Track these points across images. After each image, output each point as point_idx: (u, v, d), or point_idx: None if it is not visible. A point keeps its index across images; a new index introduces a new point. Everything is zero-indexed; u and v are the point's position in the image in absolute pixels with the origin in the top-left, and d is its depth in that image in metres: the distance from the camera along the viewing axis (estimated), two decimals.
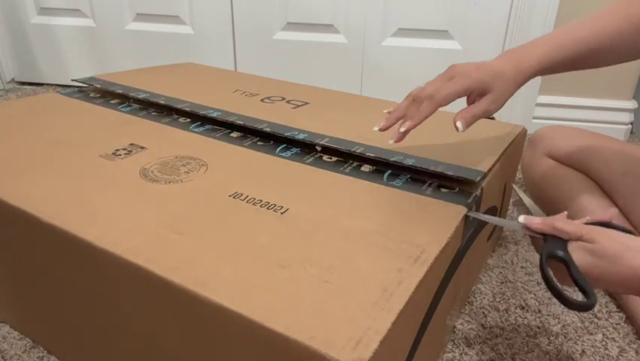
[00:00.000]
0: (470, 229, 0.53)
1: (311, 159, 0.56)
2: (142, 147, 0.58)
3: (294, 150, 0.59)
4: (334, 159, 0.57)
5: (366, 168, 0.54)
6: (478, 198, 0.52)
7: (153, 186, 0.49)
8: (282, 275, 0.36)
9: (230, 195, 0.48)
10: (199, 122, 0.67)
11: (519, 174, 1.08)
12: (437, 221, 0.45)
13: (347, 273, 0.37)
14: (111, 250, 0.40)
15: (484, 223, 0.62)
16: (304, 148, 0.60)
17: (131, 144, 0.59)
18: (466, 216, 0.49)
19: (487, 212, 0.62)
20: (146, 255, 0.39)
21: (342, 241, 0.41)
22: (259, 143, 0.60)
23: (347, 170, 0.54)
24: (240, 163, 0.55)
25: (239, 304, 0.34)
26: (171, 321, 0.39)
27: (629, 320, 0.65)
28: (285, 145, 0.60)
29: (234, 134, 0.63)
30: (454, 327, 0.63)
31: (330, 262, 0.38)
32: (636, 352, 0.60)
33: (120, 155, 0.56)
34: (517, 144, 0.71)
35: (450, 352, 0.59)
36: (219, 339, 0.36)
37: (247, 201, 0.47)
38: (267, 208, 0.46)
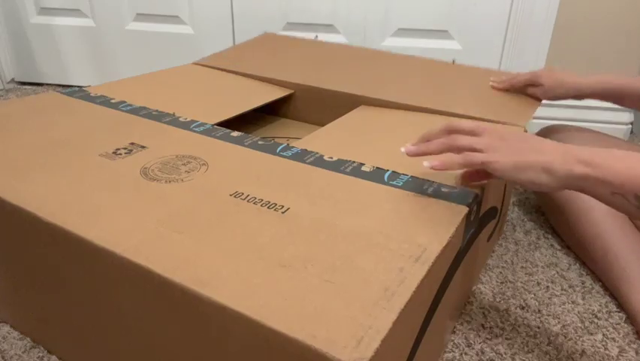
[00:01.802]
0: (471, 230, 0.53)
1: (312, 159, 0.56)
2: (143, 147, 0.58)
3: (295, 149, 0.59)
4: (335, 158, 0.57)
5: (367, 167, 0.55)
6: (479, 199, 0.52)
7: (154, 185, 0.49)
8: (283, 275, 0.36)
9: (231, 195, 0.48)
10: (200, 122, 0.67)
11: None
12: (438, 220, 0.45)
13: (348, 272, 0.37)
14: (111, 248, 0.40)
15: (484, 224, 0.62)
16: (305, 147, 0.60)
17: (132, 144, 0.59)
18: (467, 216, 0.49)
19: (487, 213, 0.62)
20: (146, 254, 0.39)
21: (342, 240, 0.41)
22: (260, 142, 0.60)
23: (348, 169, 0.54)
24: (240, 162, 0.55)
25: (239, 303, 0.34)
26: (172, 320, 0.39)
27: (629, 319, 0.65)
28: (286, 144, 0.60)
29: (235, 134, 0.63)
30: (454, 327, 0.63)
31: (331, 262, 0.38)
32: (636, 352, 0.60)
33: (121, 154, 0.56)
34: None
35: (450, 352, 0.59)
36: (220, 338, 0.36)
37: (248, 201, 0.47)
38: (268, 208, 0.46)
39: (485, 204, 0.58)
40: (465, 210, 0.47)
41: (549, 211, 0.86)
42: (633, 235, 0.70)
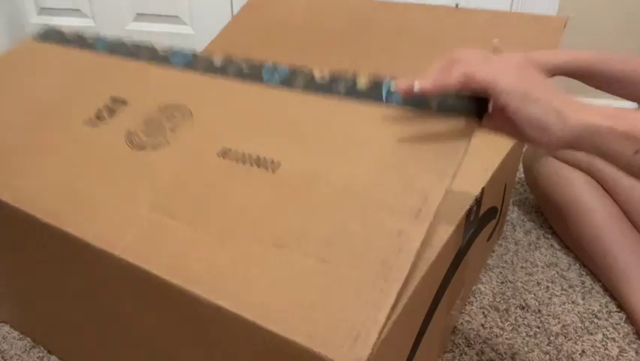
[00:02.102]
0: (471, 230, 0.53)
1: (301, 82, 0.50)
2: (123, 101, 0.54)
3: (283, 70, 0.52)
4: (327, 76, 0.49)
5: (362, 83, 0.47)
6: (479, 199, 0.52)
7: (141, 156, 0.47)
8: (278, 259, 0.35)
9: (218, 154, 0.44)
10: (179, 49, 0.60)
11: (519, 174, 1.08)
12: (443, 148, 0.39)
13: (344, 245, 0.35)
14: (109, 250, 0.39)
15: (484, 224, 0.62)
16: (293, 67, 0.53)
17: (112, 99, 0.55)
18: (467, 216, 0.48)
19: (487, 212, 0.62)
20: (141, 252, 0.38)
21: (338, 201, 0.38)
22: (245, 70, 0.54)
23: (341, 89, 0.47)
24: (226, 104, 0.50)
25: (236, 303, 0.33)
26: (169, 320, 0.39)
27: (629, 319, 0.65)
28: (272, 65, 0.53)
29: (218, 61, 0.56)
30: (454, 327, 0.63)
31: (326, 234, 0.36)
32: (636, 352, 0.60)
33: (103, 118, 0.52)
34: (518, 145, 0.71)
35: (450, 352, 0.59)
36: (217, 338, 0.36)
37: (236, 160, 0.43)
38: (258, 166, 0.42)
39: (485, 204, 0.58)
40: (476, 123, 0.41)
41: (548, 213, 0.86)
42: (632, 235, 0.70)
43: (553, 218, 0.84)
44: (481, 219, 0.58)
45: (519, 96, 0.36)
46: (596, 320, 0.65)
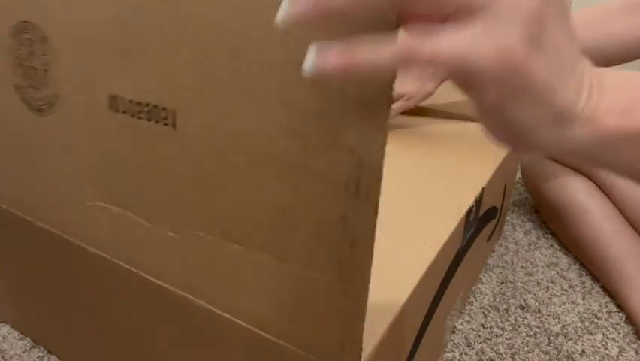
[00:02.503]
0: (471, 230, 0.53)
1: None
2: None
3: None
4: None
5: None
6: (479, 199, 0.52)
7: (48, 123, 0.40)
8: (239, 257, 0.32)
9: (110, 107, 0.36)
10: None
11: (519, 174, 1.08)
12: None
13: (290, 239, 0.30)
14: (101, 252, 0.39)
15: (484, 224, 0.62)
16: None
17: None
18: (467, 216, 0.48)
19: (487, 212, 0.62)
20: (126, 253, 0.38)
21: (260, 177, 0.30)
22: None
23: None
24: (76, 15, 0.36)
25: (226, 305, 0.33)
26: (163, 321, 0.39)
27: (629, 320, 0.65)
28: None
29: None
30: (454, 327, 0.63)
31: (268, 221, 0.30)
32: (636, 352, 0.60)
33: None
34: None
35: (450, 352, 0.59)
36: (211, 341, 0.36)
37: (131, 114, 0.35)
38: (156, 122, 0.33)
39: (485, 204, 0.58)
40: None
41: (546, 214, 0.86)
42: (630, 236, 0.71)
43: (551, 220, 0.84)
44: (481, 219, 0.58)
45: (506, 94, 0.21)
46: (596, 320, 0.65)
